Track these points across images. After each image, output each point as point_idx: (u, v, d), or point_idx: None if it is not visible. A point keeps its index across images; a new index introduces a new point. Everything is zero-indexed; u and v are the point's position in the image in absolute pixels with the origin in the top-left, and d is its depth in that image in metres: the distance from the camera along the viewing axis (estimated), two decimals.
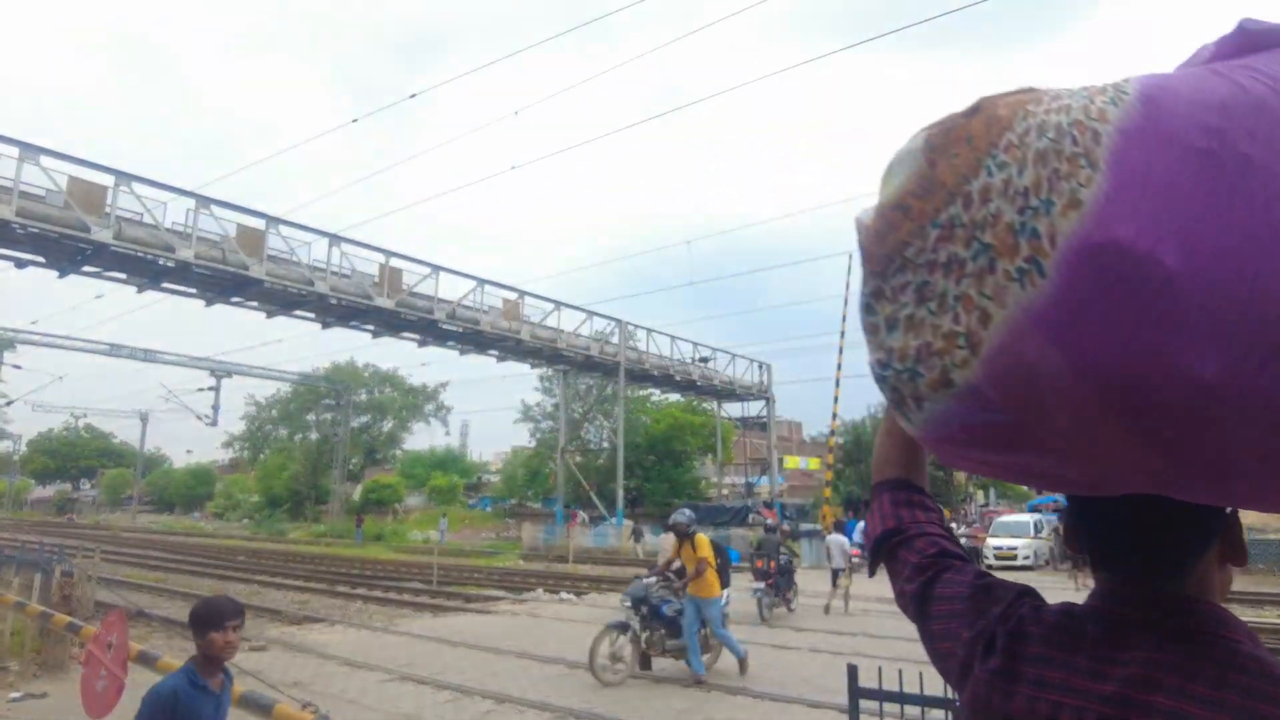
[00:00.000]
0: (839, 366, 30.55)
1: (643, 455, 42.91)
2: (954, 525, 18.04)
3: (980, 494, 48.27)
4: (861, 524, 25.72)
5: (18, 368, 43.72)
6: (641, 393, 47.40)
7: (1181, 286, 0.66)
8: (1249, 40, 0.81)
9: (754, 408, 43.93)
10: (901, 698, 3.77)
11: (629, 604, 8.35)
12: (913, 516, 1.12)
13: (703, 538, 8.53)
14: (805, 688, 8.36)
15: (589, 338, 33.13)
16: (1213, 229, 0.67)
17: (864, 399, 74.74)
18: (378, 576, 21.68)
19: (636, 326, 35.35)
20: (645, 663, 8.44)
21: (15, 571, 10.68)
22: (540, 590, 17.82)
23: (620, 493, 34.87)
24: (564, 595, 17.08)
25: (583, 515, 32.40)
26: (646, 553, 30.26)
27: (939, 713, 3.55)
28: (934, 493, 1.20)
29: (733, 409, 44.93)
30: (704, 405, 48.37)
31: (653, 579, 8.82)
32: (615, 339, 34.12)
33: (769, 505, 37.50)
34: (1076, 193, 0.71)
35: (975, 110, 0.81)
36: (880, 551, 1.13)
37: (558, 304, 31.39)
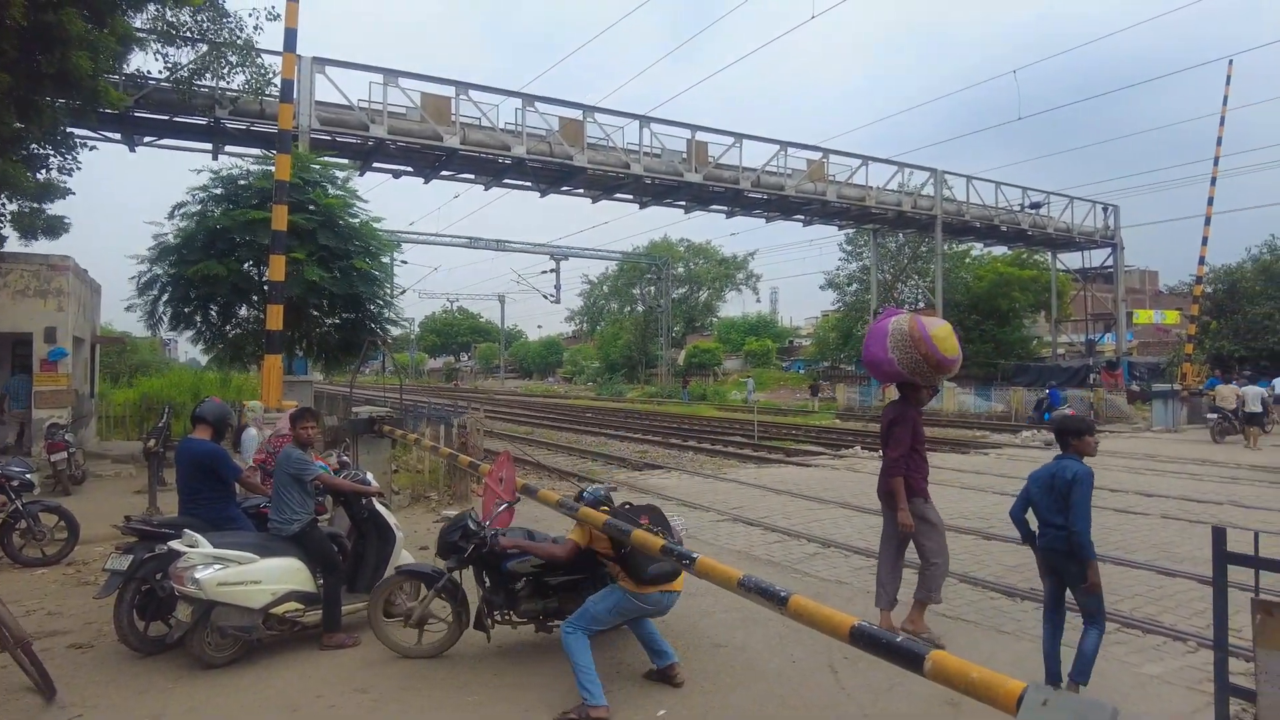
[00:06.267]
0: (1210, 201, 25.40)
1: (964, 315, 40.14)
2: None
3: None
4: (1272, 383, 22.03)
5: (404, 262, 52.91)
6: (960, 248, 43.92)
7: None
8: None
9: (1097, 257, 38.30)
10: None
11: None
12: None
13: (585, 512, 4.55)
14: (1155, 554, 7.80)
15: (900, 192, 31.17)
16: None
17: (1241, 238, 61.43)
18: (704, 431, 23.59)
19: (954, 175, 32.47)
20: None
21: (428, 424, 13.54)
22: (858, 448, 18.13)
23: None
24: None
25: None
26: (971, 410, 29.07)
27: None
28: None
29: (1071, 260, 39.78)
30: (1034, 258, 43.60)
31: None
32: (930, 190, 31.74)
33: (1112, 365, 33.42)
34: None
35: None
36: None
37: (865, 159, 29.81)
